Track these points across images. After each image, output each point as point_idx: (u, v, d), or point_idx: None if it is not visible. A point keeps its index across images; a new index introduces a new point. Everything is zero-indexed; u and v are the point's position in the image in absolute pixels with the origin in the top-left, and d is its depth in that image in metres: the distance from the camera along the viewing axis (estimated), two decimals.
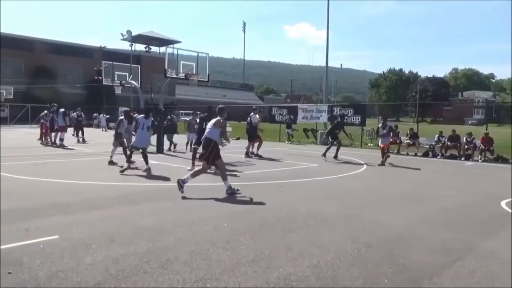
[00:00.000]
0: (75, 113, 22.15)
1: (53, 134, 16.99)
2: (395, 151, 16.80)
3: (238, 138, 23.31)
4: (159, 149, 14.43)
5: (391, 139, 13.71)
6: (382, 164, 12.14)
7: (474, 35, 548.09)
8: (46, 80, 44.15)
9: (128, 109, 12.21)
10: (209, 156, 7.07)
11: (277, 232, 4.79)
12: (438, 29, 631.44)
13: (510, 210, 6.36)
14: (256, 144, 14.01)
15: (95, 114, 35.90)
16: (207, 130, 7.32)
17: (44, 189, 7.24)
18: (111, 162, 10.64)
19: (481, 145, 14.51)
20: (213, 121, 7.35)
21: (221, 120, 7.25)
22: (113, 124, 36.56)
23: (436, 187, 8.63)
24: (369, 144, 20.20)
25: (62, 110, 17.11)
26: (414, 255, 4.12)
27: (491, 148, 14.45)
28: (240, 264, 3.72)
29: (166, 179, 8.68)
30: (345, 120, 17.11)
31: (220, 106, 7.78)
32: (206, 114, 10.15)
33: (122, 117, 11.29)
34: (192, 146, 10.86)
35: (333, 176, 9.71)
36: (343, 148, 14.80)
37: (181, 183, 6.76)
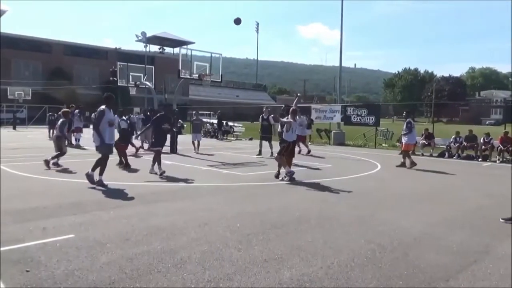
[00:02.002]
0: (93, 114, 22.59)
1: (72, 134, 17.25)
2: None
3: (251, 139, 23.36)
4: (172, 149, 14.53)
5: (416, 140, 12.44)
6: (411, 165, 11.49)
7: (491, 33, 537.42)
8: (63, 82, 45.00)
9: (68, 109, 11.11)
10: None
11: (290, 233, 4.78)
12: (454, 27, 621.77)
13: None
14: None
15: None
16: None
17: (61, 188, 7.37)
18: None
19: (500, 145, 14.20)
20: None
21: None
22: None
23: (453, 188, 8.49)
24: (383, 145, 19.98)
25: (77, 111, 17.40)
26: (430, 257, 4.06)
27: (511, 148, 14.11)
28: (252, 264, 3.72)
29: (180, 179, 8.73)
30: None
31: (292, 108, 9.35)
32: (163, 113, 9.87)
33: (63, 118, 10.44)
34: (153, 149, 9.63)
35: (347, 177, 9.64)
36: (357, 149, 14.67)
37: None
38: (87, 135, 15.97)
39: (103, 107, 7.69)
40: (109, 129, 7.60)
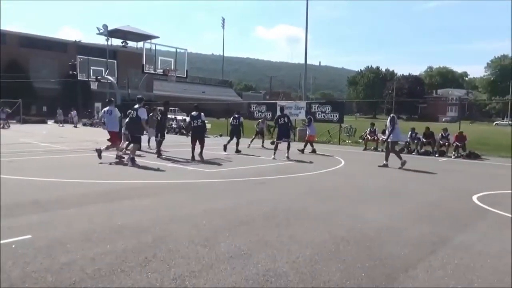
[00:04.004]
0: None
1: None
2: (372, 147, 17.13)
3: (221, 135, 23.27)
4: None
5: None
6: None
7: (454, 35, 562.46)
8: (17, 75, 42.82)
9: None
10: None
11: (257, 229, 4.80)
12: (414, 28, 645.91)
13: (482, 205, 6.58)
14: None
15: (59, 110, 35.25)
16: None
17: (17, 187, 7.01)
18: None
19: (456, 142, 14.98)
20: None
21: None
22: (87, 120, 36.49)
23: (412, 182, 8.84)
24: (347, 141, 20.48)
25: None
26: (391, 249, 4.21)
27: (464, 145, 14.95)
28: (219, 261, 3.71)
29: (144, 176, 8.56)
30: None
31: None
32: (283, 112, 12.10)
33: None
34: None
35: (312, 172, 9.81)
36: (322, 145, 14.98)
37: None
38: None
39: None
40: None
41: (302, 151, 14.42)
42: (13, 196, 6.20)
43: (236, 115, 14.81)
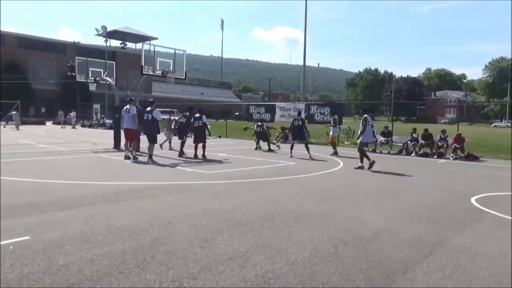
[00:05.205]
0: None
1: None
2: (371, 149, 17.12)
3: (219, 136, 23.27)
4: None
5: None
6: None
7: (450, 38, 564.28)
8: (16, 75, 42.81)
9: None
10: None
11: (255, 230, 4.80)
12: (413, 30, 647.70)
13: (480, 206, 6.59)
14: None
15: (60, 111, 35.40)
16: None
17: (16, 188, 6.99)
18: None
19: (454, 144, 14.98)
20: None
21: None
22: (87, 121, 36.60)
23: (411, 184, 8.84)
24: (346, 142, 20.47)
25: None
26: (389, 250, 4.21)
27: (463, 147, 14.95)
28: (217, 263, 3.70)
29: (142, 178, 8.55)
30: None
31: None
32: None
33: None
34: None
35: (311, 174, 9.81)
36: (320, 146, 15.01)
37: None
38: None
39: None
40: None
41: (336, 152, 15.00)
42: (11, 197, 6.19)
43: (259, 123, 16.59)
